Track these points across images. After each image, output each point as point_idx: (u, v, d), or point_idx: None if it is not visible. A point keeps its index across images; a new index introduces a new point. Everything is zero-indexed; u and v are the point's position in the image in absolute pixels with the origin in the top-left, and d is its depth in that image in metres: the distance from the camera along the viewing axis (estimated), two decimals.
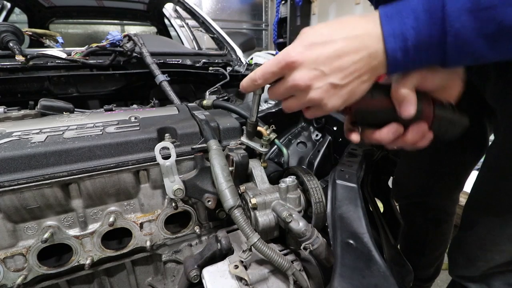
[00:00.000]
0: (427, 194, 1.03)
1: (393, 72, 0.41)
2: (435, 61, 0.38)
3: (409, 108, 0.43)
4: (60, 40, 1.39)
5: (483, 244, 0.72)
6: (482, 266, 0.72)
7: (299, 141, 1.03)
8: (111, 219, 0.60)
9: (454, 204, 1.07)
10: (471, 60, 0.36)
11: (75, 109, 0.89)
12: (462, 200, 0.90)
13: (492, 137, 0.80)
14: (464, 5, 0.33)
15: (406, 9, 0.37)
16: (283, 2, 6.38)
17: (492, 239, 0.70)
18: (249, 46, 2.02)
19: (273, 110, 0.97)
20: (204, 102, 0.93)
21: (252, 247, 0.50)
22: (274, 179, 0.65)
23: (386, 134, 0.46)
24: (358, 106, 0.47)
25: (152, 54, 1.21)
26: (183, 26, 2.20)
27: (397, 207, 1.07)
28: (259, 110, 0.80)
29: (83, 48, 1.22)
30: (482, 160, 0.81)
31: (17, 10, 1.98)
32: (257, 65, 1.51)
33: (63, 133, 0.60)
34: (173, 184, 0.61)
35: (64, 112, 0.84)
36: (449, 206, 1.06)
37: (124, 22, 2.62)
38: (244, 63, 1.51)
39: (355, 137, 0.51)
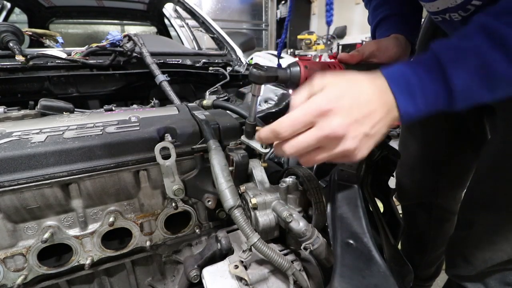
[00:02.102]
0: (431, 195, 1.03)
1: (407, 122, 0.46)
2: (444, 108, 0.43)
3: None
4: (60, 40, 1.39)
5: (481, 244, 0.72)
6: (479, 266, 0.72)
7: None
8: (111, 219, 0.60)
9: (457, 203, 1.07)
10: (476, 103, 0.42)
11: (75, 109, 0.89)
12: None
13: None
14: (458, 63, 0.40)
15: (408, 71, 0.42)
16: (283, 2, 6.38)
17: (490, 239, 0.70)
18: (249, 46, 2.02)
19: (273, 110, 0.97)
20: (204, 102, 0.93)
21: (252, 247, 0.50)
22: (274, 179, 0.65)
23: None
24: None
25: (152, 54, 1.21)
26: (183, 26, 2.20)
27: (398, 207, 1.07)
28: (259, 110, 0.79)
29: (83, 48, 1.22)
30: None
31: (17, 10, 1.97)
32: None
33: (63, 133, 0.60)
34: (173, 184, 0.61)
35: (64, 112, 0.84)
36: (452, 205, 1.07)
37: (124, 22, 2.62)
38: (244, 63, 1.51)
39: None
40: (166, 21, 2.40)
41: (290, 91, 0.58)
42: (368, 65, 0.64)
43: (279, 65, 0.65)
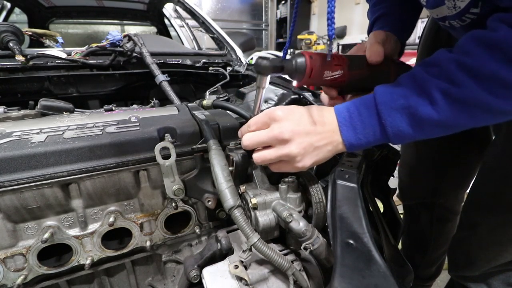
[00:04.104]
0: (434, 195, 1.03)
1: (352, 151, 0.55)
2: (382, 141, 0.50)
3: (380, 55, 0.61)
4: (60, 40, 1.39)
5: (485, 244, 0.72)
6: (483, 266, 0.72)
7: None
8: (111, 219, 0.60)
9: (459, 203, 1.07)
10: (409, 140, 0.48)
11: (75, 109, 0.89)
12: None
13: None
14: (389, 104, 0.47)
15: (352, 108, 0.50)
16: (283, 2, 6.38)
17: (494, 239, 0.70)
18: (249, 46, 2.02)
19: None
20: (204, 102, 0.93)
21: (252, 247, 0.50)
22: (274, 179, 0.65)
23: None
24: (351, 77, 0.60)
25: (152, 54, 1.21)
26: (183, 26, 2.20)
27: (399, 207, 1.07)
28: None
29: (83, 48, 1.22)
30: None
31: (17, 10, 1.97)
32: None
33: (63, 133, 0.60)
34: (173, 184, 0.61)
35: (64, 112, 0.84)
36: (454, 206, 1.07)
37: (124, 22, 2.62)
38: (244, 63, 1.51)
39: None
40: (166, 21, 2.40)
41: (294, 83, 0.58)
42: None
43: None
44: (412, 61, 0.81)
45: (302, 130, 0.49)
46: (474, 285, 0.76)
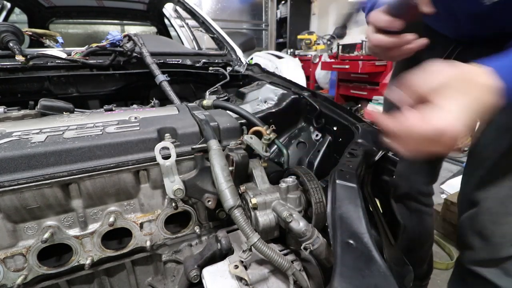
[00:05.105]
0: (408, 186, 1.04)
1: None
2: None
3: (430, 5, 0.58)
4: (60, 40, 1.39)
5: (496, 217, 0.72)
6: (499, 243, 0.72)
7: (299, 141, 1.03)
8: (111, 219, 0.60)
9: (431, 196, 1.10)
10: None
11: (75, 109, 0.89)
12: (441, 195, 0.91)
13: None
14: None
15: None
16: (283, 2, 6.38)
17: (505, 211, 0.70)
18: (249, 46, 2.02)
19: (273, 110, 0.97)
20: (204, 102, 0.93)
21: (252, 247, 0.50)
22: (274, 179, 0.65)
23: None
24: (417, 14, 0.60)
25: (152, 54, 1.21)
26: (183, 26, 2.20)
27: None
28: (259, 110, 0.78)
29: (83, 48, 1.22)
30: (463, 156, 0.83)
31: (17, 10, 1.98)
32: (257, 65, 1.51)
33: (63, 133, 0.60)
34: (173, 184, 0.61)
35: (64, 112, 0.84)
36: (427, 199, 1.09)
37: (124, 22, 2.63)
38: (244, 63, 1.51)
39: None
40: (166, 21, 2.40)
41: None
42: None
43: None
44: None
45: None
46: (488, 272, 0.75)
